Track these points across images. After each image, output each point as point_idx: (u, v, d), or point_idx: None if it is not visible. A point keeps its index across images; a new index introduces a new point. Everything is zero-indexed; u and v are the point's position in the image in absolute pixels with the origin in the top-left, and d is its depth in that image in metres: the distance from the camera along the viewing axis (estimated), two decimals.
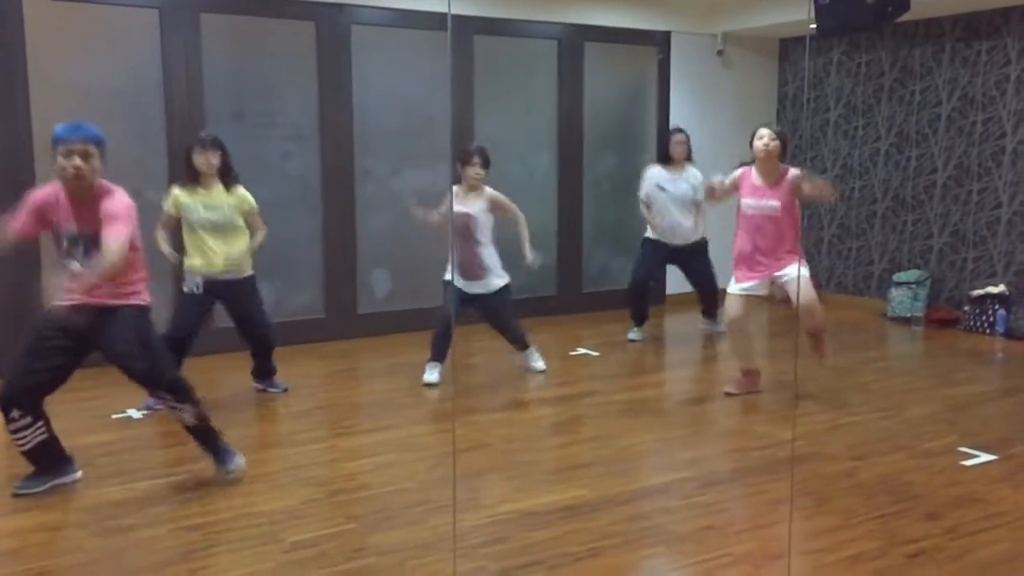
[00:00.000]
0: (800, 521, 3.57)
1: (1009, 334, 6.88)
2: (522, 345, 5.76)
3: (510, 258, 5.67)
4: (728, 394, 5.30)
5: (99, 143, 3.68)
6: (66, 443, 4.00)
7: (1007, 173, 7.00)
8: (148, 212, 6.07)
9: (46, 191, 3.74)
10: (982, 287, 7.12)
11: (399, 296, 7.07)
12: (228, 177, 5.05)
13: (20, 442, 3.80)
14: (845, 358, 6.08)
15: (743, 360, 5.36)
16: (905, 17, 6.78)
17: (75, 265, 3.71)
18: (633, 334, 6.82)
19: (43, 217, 3.72)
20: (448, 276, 5.51)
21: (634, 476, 4.14)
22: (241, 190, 5.10)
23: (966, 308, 7.15)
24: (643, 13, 7.91)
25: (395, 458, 4.33)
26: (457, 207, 5.45)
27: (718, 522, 3.58)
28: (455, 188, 5.53)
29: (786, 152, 5.18)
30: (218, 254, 5.00)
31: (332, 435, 4.72)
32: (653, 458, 4.43)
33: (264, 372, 5.49)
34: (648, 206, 6.72)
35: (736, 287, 5.18)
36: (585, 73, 7.73)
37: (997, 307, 6.99)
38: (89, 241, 3.69)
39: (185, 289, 5.08)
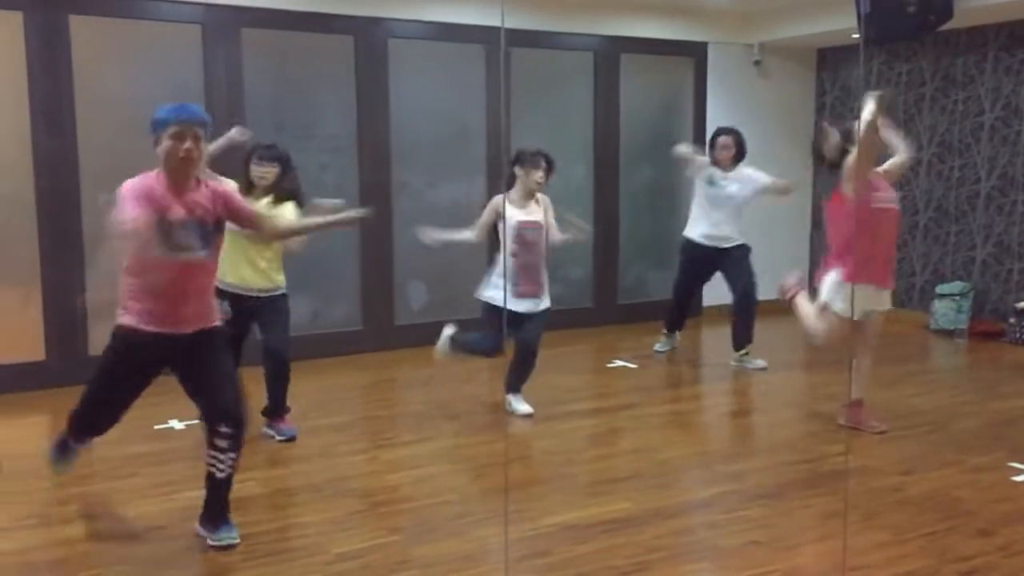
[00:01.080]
0: (849, 537, 3.51)
1: None
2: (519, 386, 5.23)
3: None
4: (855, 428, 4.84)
5: (207, 126, 3.40)
6: (110, 453, 4.04)
7: None
8: None
9: (146, 179, 3.36)
10: None
11: (436, 308, 7.07)
12: (280, 191, 4.75)
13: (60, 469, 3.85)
14: (889, 371, 5.99)
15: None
16: (947, 26, 6.79)
17: (191, 255, 3.37)
18: (662, 345, 6.69)
19: (149, 206, 3.29)
20: (491, 295, 5.02)
21: (677, 489, 4.11)
22: (289, 207, 4.70)
23: (1011, 320, 7.03)
24: (679, 24, 7.89)
25: (436, 470, 4.32)
26: (522, 216, 5.01)
27: (764, 537, 3.53)
28: (509, 194, 5.09)
29: None
30: (256, 269, 4.70)
31: (373, 447, 4.73)
32: (695, 471, 4.38)
33: (276, 408, 4.84)
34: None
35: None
36: (621, 84, 7.72)
37: None
38: (203, 228, 3.40)
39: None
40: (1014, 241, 7.14)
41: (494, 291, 5.00)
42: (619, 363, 6.42)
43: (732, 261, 6.28)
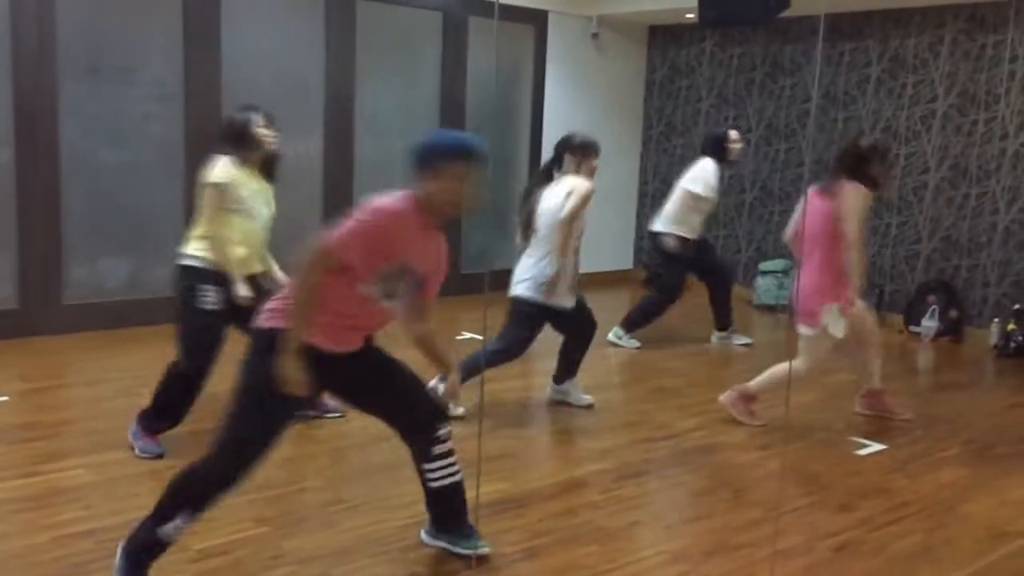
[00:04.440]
0: (724, 514, 3.57)
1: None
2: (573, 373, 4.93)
3: None
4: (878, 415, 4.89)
5: None
6: None
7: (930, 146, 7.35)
8: None
9: (405, 210, 2.75)
10: None
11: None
12: (274, 164, 4.07)
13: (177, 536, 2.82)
14: (720, 347, 6.21)
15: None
16: (784, 14, 7.04)
17: (387, 302, 2.83)
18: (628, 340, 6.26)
19: (388, 251, 2.74)
20: (524, 291, 4.60)
21: (547, 469, 4.04)
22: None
23: None
24: None
25: (292, 453, 4.01)
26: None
27: (645, 517, 3.54)
28: (568, 179, 4.56)
29: None
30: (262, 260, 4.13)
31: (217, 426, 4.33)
32: (561, 449, 4.34)
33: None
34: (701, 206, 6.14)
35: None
36: (469, 48, 7.51)
37: None
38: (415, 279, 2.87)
39: (209, 305, 3.89)
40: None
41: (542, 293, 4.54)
42: (467, 335, 6.28)
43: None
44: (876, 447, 4.41)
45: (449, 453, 3.02)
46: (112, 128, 5.92)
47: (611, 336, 6.16)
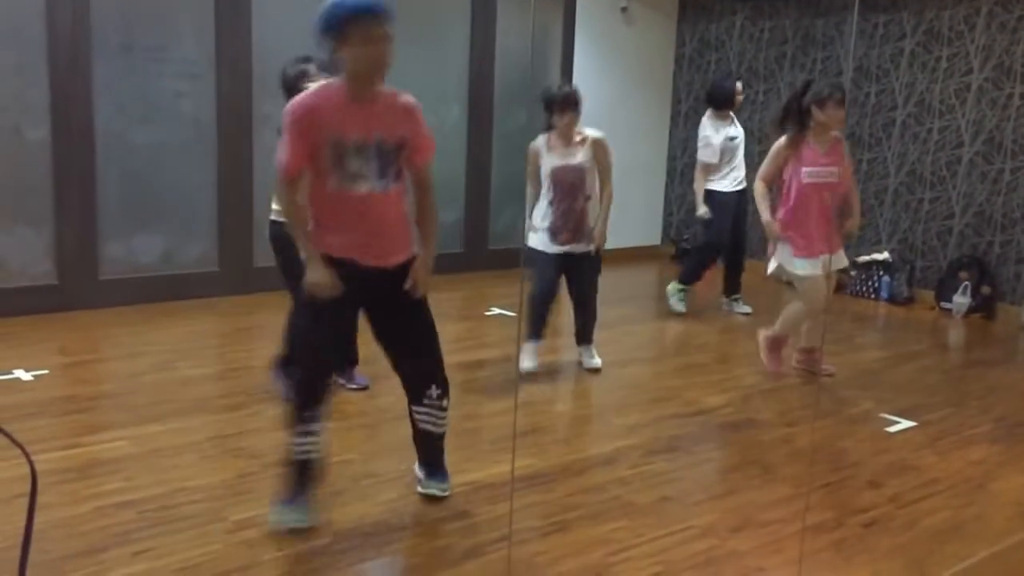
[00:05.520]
0: (752, 490, 3.60)
1: (892, 299, 7.21)
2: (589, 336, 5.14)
3: None
4: (809, 371, 5.10)
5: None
6: None
7: (896, 145, 7.28)
8: (27, 152, 5.54)
9: (321, 92, 2.96)
10: (868, 254, 7.42)
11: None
12: None
13: (303, 449, 3.08)
14: (748, 321, 6.22)
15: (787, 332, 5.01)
16: None
17: (366, 186, 2.95)
18: (679, 302, 6.43)
19: (318, 130, 2.91)
20: (531, 240, 4.91)
21: (577, 444, 4.07)
22: None
23: (852, 273, 7.44)
24: None
25: (327, 425, 4.09)
26: (557, 160, 4.80)
27: (674, 492, 3.55)
28: (549, 138, 4.85)
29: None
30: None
31: (252, 400, 4.41)
32: (590, 425, 4.38)
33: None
34: (714, 164, 6.24)
35: (814, 265, 4.73)
36: (498, 23, 7.50)
37: (881, 273, 7.31)
38: (383, 153, 2.95)
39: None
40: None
41: (532, 236, 4.92)
42: (496, 311, 6.32)
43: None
44: (906, 424, 4.41)
45: (437, 408, 3.25)
46: (145, 106, 5.99)
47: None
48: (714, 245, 6.45)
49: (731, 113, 6.40)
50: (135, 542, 2.97)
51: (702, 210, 6.24)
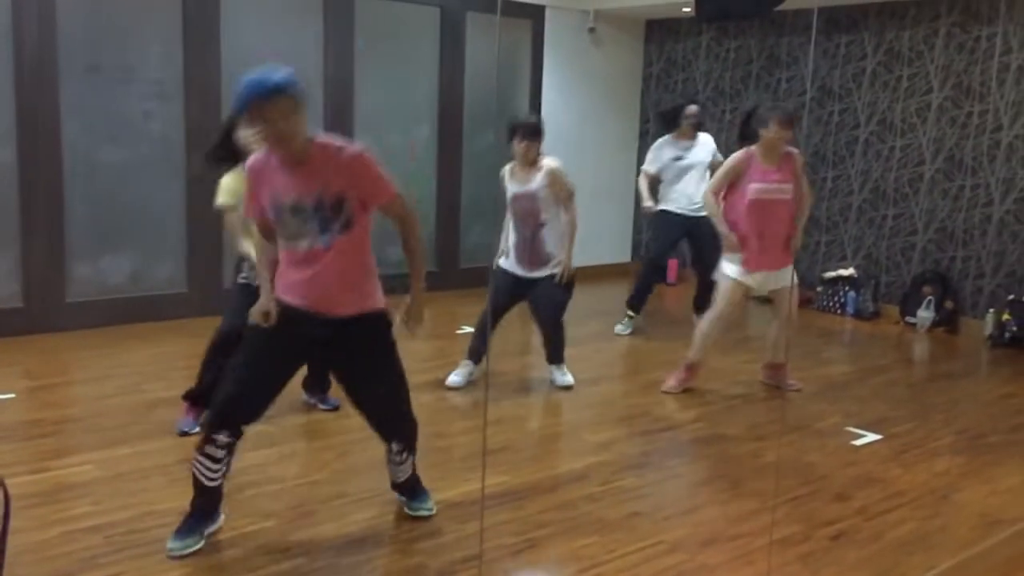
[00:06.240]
0: (720, 504, 3.64)
1: (858, 314, 7.32)
2: (559, 356, 5.19)
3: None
4: (666, 392, 5.07)
5: (285, 92, 2.89)
6: None
7: (859, 162, 7.41)
8: None
9: (261, 154, 3.07)
10: (834, 270, 7.53)
11: None
12: None
13: (211, 476, 3.11)
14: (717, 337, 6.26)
15: (700, 353, 5.13)
16: (780, 7, 7.09)
17: (311, 243, 3.01)
18: (623, 327, 6.51)
19: (265, 189, 3.04)
20: (502, 263, 5.06)
21: (548, 461, 4.10)
22: None
23: (819, 289, 7.55)
24: None
25: (298, 447, 4.09)
26: (515, 187, 4.92)
27: (644, 508, 3.58)
28: (512, 166, 4.99)
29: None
30: None
31: None
32: (562, 442, 4.39)
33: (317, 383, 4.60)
34: (657, 180, 6.45)
35: (742, 274, 4.91)
36: (467, 43, 7.55)
37: (847, 289, 7.41)
38: (321, 209, 2.97)
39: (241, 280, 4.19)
40: (822, 215, 7.64)
41: (503, 259, 5.09)
42: (467, 329, 6.32)
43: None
44: (872, 437, 4.48)
45: (398, 462, 3.37)
46: (113, 126, 5.97)
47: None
48: (654, 263, 6.67)
49: (699, 135, 6.48)
50: (103, 567, 2.95)
51: (648, 203, 6.43)
